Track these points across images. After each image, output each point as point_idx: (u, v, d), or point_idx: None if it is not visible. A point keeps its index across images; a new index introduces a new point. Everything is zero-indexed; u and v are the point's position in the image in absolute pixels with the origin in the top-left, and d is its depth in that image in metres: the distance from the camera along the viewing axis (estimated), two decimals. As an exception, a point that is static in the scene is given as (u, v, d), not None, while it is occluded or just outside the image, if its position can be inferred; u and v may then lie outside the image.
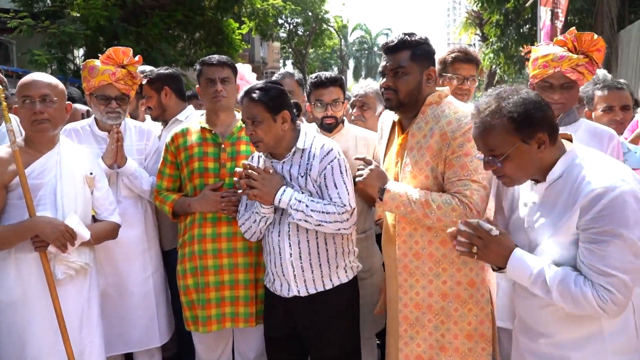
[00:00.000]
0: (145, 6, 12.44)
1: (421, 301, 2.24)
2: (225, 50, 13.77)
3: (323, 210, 2.36)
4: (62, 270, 2.35)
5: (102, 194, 2.58)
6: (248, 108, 2.40)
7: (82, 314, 2.45)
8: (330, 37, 32.15)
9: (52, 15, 11.77)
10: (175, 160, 2.81)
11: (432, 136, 2.15)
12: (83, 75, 2.86)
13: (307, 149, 2.45)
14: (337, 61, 41.08)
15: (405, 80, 2.18)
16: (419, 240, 2.23)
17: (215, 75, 2.74)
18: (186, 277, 2.76)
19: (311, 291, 2.47)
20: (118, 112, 2.87)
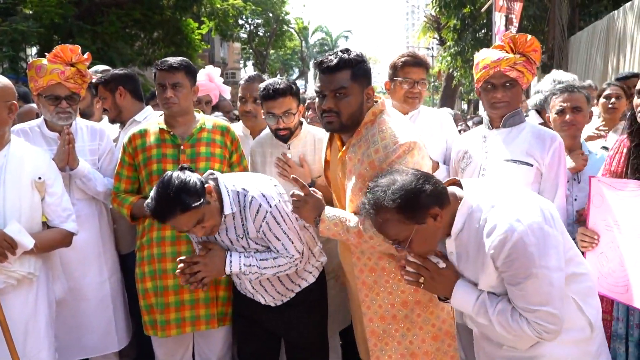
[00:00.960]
0: (101, 4, 12.16)
1: (385, 313, 2.26)
2: (185, 50, 13.61)
3: (274, 265, 2.35)
4: (2, 279, 2.25)
5: (54, 199, 2.46)
6: (185, 219, 2.15)
7: (28, 325, 2.36)
8: (291, 38, 32.20)
9: (4, 13, 11.37)
10: (133, 162, 2.76)
11: (362, 163, 2.14)
12: (30, 75, 2.76)
13: (235, 211, 2.29)
14: (298, 62, 41.11)
15: (348, 101, 2.13)
16: (370, 257, 2.26)
17: (166, 81, 2.67)
18: (145, 280, 2.72)
19: (283, 300, 2.51)
20: (69, 112, 2.79)
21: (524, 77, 2.51)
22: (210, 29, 17.64)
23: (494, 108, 2.56)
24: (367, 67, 2.19)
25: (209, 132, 2.77)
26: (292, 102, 2.75)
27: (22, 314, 2.34)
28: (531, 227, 1.71)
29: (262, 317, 2.56)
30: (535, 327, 1.75)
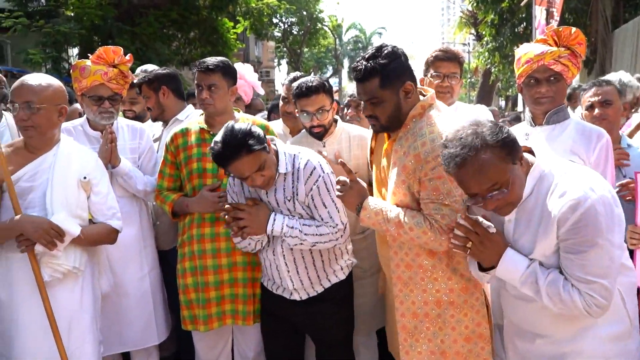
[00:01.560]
0: (140, 5, 12.40)
1: (418, 310, 2.25)
2: (220, 49, 13.75)
3: (316, 233, 2.37)
4: (49, 273, 2.31)
5: (100, 198, 2.51)
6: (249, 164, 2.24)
7: (72, 318, 2.41)
8: (324, 36, 32.17)
9: (47, 15, 11.72)
10: (175, 160, 2.81)
11: (408, 155, 2.12)
12: (74, 76, 2.83)
13: (289, 171, 2.38)
14: (332, 60, 41.07)
15: (382, 107, 2.14)
16: (408, 252, 2.24)
17: (202, 82, 2.71)
18: (185, 276, 2.77)
19: (311, 294, 2.52)
20: (111, 111, 2.85)
21: (568, 71, 2.43)
22: (245, 28, 17.77)
23: (537, 104, 2.49)
24: (401, 65, 2.13)
25: None
26: (325, 99, 2.76)
27: (68, 307, 2.39)
28: (603, 198, 1.70)
29: (288, 312, 2.58)
30: (587, 299, 1.72)
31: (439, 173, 2.05)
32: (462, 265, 2.18)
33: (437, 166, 2.04)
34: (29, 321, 2.30)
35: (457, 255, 2.18)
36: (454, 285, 2.20)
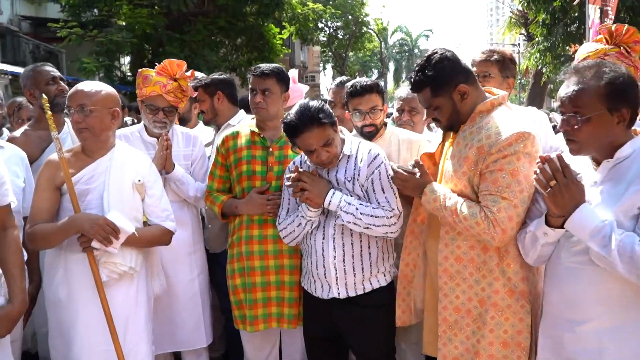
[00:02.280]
0: (189, 13, 12.71)
1: (461, 305, 2.23)
2: (267, 55, 13.93)
3: (372, 214, 2.39)
4: (106, 273, 2.38)
5: (154, 200, 2.58)
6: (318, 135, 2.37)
7: (128, 318, 2.47)
8: (370, 40, 32.07)
9: (100, 24, 12.17)
10: (225, 162, 2.87)
11: (471, 147, 2.13)
12: (137, 82, 2.95)
13: (353, 154, 2.49)
14: (378, 64, 40.94)
15: (440, 111, 2.22)
16: (461, 245, 2.21)
17: (257, 87, 2.78)
18: (234, 277, 2.81)
19: (350, 294, 2.50)
20: (164, 122, 2.94)
21: None
22: (291, 34, 17.95)
23: None
24: (450, 70, 2.18)
25: None
26: (378, 99, 2.85)
27: (124, 307, 2.45)
28: None
29: (329, 315, 2.55)
30: None
31: (501, 166, 2.05)
32: (512, 268, 2.15)
33: (499, 159, 2.05)
34: (88, 320, 2.37)
35: (507, 257, 2.15)
36: (500, 287, 2.16)
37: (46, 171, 2.42)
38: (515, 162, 2.03)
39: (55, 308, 2.40)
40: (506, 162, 2.03)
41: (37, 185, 2.44)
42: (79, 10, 12.53)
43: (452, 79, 2.18)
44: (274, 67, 2.84)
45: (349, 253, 2.46)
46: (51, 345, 2.44)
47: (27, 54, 15.82)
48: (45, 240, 2.36)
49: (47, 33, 15.58)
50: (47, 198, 2.40)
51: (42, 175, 2.42)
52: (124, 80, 12.78)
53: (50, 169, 2.41)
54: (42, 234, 2.34)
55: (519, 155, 2.03)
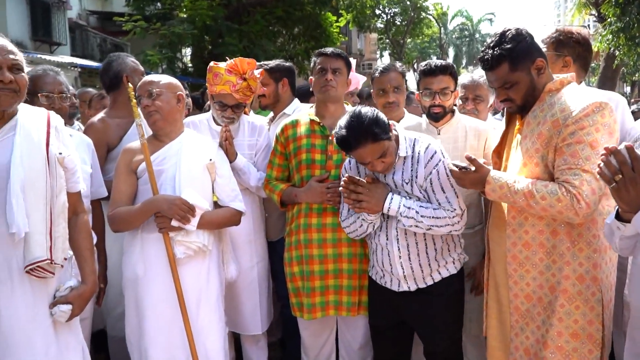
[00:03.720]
0: (247, 4, 12.84)
1: (532, 293, 2.17)
2: (324, 43, 13.90)
3: (433, 216, 2.34)
4: (182, 251, 2.47)
5: (224, 180, 2.68)
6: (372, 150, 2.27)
7: (200, 294, 2.56)
8: (429, 25, 31.33)
9: (163, 17, 12.51)
10: (284, 151, 2.89)
11: (544, 123, 2.07)
12: (208, 78, 3.03)
13: (409, 155, 2.42)
14: (436, 50, 40.05)
15: (516, 89, 2.14)
16: (529, 230, 2.15)
17: (328, 65, 2.79)
18: (292, 264, 2.83)
19: (420, 286, 2.48)
20: (232, 117, 3.02)
21: None
22: (347, 21, 17.81)
23: None
24: (527, 44, 2.12)
25: None
26: (450, 81, 2.79)
27: (196, 285, 2.54)
28: None
29: (397, 306, 2.54)
30: None
31: (579, 138, 1.96)
32: (585, 252, 2.06)
33: (577, 130, 1.97)
34: (162, 297, 2.47)
35: (580, 241, 2.06)
36: (570, 272, 2.07)
37: (123, 158, 2.57)
38: (593, 133, 1.94)
39: (133, 285, 2.51)
40: (584, 133, 1.94)
41: (116, 171, 2.59)
42: (143, 4, 12.95)
43: (530, 51, 2.12)
44: (341, 51, 2.88)
45: (414, 252, 2.44)
46: (127, 321, 2.55)
47: (95, 47, 16.55)
48: (127, 222, 2.49)
49: (113, 27, 16.23)
50: (126, 182, 2.54)
51: (121, 161, 2.57)
52: (186, 71, 13.12)
53: (127, 155, 2.57)
54: (124, 216, 2.48)
55: (597, 126, 1.94)
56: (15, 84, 1.93)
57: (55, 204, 2.01)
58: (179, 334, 2.47)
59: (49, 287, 2.05)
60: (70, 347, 2.11)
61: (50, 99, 2.68)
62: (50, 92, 2.69)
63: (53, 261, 1.97)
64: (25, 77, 1.99)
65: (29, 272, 1.94)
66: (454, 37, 45.40)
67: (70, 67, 12.64)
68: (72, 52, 15.45)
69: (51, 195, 2.00)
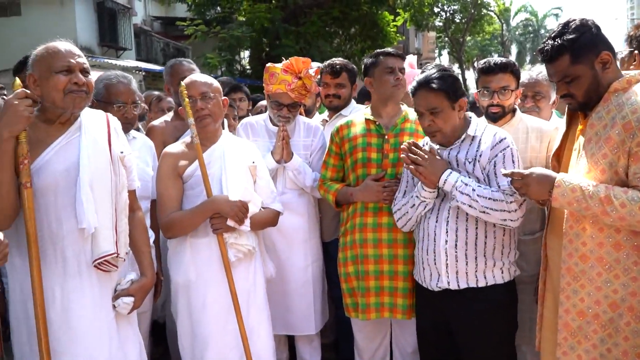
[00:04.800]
0: (304, 6, 12.94)
1: (586, 309, 2.01)
2: (380, 43, 13.81)
3: (490, 197, 2.25)
4: (233, 253, 2.49)
5: (264, 182, 2.68)
6: (426, 98, 2.33)
7: (249, 296, 2.58)
8: (490, 22, 30.41)
9: (222, 21, 12.83)
10: (339, 151, 2.89)
11: (612, 126, 1.91)
12: (264, 78, 3.08)
13: (477, 136, 2.38)
14: (498, 48, 38.90)
15: (577, 84, 2.00)
16: (587, 242, 2.00)
17: (395, 65, 2.80)
18: (347, 264, 2.82)
19: (462, 285, 2.36)
20: (287, 117, 3.04)
21: None
22: (405, 20, 17.60)
23: None
24: (592, 36, 1.98)
25: (412, 123, 2.82)
26: (511, 80, 2.67)
27: (245, 286, 2.56)
28: None
29: (442, 305, 2.44)
30: None
31: None
32: None
33: None
34: (216, 300, 2.49)
35: None
36: (637, 289, 1.93)
37: (166, 162, 2.53)
38: None
39: (185, 290, 2.53)
40: None
41: (160, 176, 2.54)
42: (203, 9, 13.31)
43: (595, 43, 1.98)
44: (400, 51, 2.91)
45: (462, 239, 2.34)
46: (179, 326, 2.57)
47: (158, 51, 17.17)
48: (185, 226, 2.47)
49: (176, 31, 16.80)
50: (174, 187, 2.51)
51: (163, 166, 2.54)
52: (244, 73, 13.37)
53: (170, 160, 2.53)
54: (181, 220, 2.46)
55: None
56: (86, 86, 2.02)
57: (119, 201, 2.10)
58: (231, 335, 2.48)
59: (112, 281, 2.14)
60: (129, 339, 2.19)
61: (123, 109, 2.74)
62: (124, 102, 2.75)
63: (119, 255, 2.06)
64: (92, 80, 2.07)
65: (96, 266, 2.03)
66: (517, 34, 43.97)
67: (135, 70, 13.16)
68: (137, 57, 16.09)
69: (115, 192, 2.09)
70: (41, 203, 1.96)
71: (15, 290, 2.04)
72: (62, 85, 1.97)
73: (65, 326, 1.98)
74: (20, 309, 2.01)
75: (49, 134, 2.03)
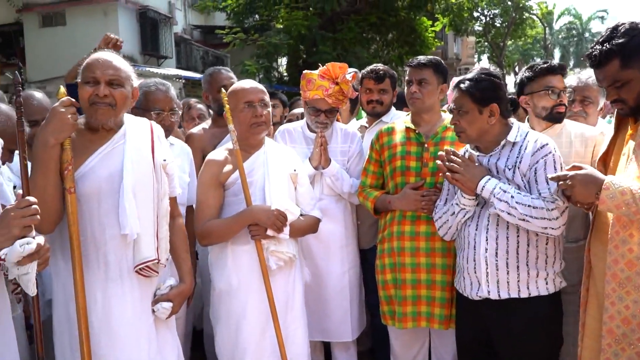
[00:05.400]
0: (341, 12, 12.96)
1: (631, 317, 1.96)
2: (418, 49, 13.72)
3: (530, 204, 2.19)
4: (274, 261, 2.50)
5: (304, 189, 2.69)
6: (456, 97, 2.35)
7: (288, 303, 2.59)
8: (532, 25, 29.72)
9: (260, 29, 12.99)
10: (379, 158, 2.89)
11: None
12: (301, 85, 3.10)
13: (518, 142, 2.33)
14: (540, 52, 38.02)
15: (628, 89, 1.97)
16: (634, 248, 1.94)
17: (413, 77, 2.76)
18: (385, 272, 2.80)
19: (502, 295, 2.30)
20: (325, 123, 3.04)
21: None
22: (444, 25, 17.41)
23: None
24: None
25: (453, 132, 2.73)
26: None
27: (284, 293, 2.57)
28: None
29: (482, 316, 2.38)
30: None
31: None
32: None
33: None
34: (256, 307, 2.50)
35: None
36: None
37: (208, 170, 2.53)
38: None
39: (226, 297, 2.53)
40: None
41: (202, 183, 2.55)
42: (242, 17, 13.51)
43: None
44: (431, 57, 2.83)
45: (502, 247, 2.28)
46: (218, 331, 2.58)
47: (198, 59, 17.50)
48: (222, 234, 2.47)
49: (214, 40, 17.10)
50: (214, 197, 2.51)
51: (205, 174, 2.54)
52: (281, 80, 13.49)
53: (213, 168, 2.53)
54: (217, 229, 2.46)
55: None
56: (111, 98, 2.02)
57: (160, 208, 2.14)
58: (269, 342, 2.49)
59: (152, 286, 2.17)
60: (167, 344, 2.22)
61: (161, 116, 2.80)
62: (162, 109, 2.81)
63: (160, 261, 2.09)
64: (124, 92, 2.06)
65: (137, 271, 2.06)
66: (561, 37, 42.89)
67: (175, 78, 13.45)
68: (177, 65, 16.44)
69: (157, 199, 2.12)
70: (85, 209, 2.01)
71: (58, 293, 2.09)
72: (87, 96, 2.02)
73: (106, 330, 2.02)
74: (63, 312, 2.06)
75: (94, 141, 2.08)
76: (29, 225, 1.64)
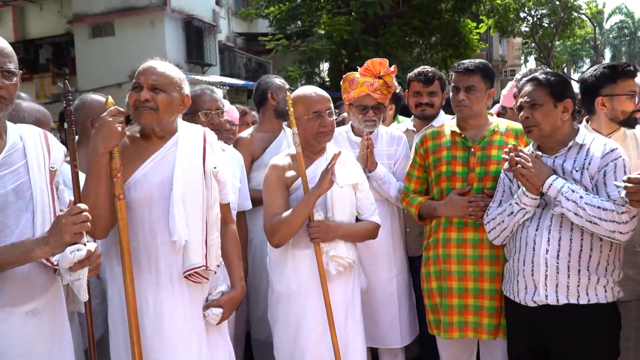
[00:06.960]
0: (384, 16, 12.88)
1: None
2: (462, 51, 13.50)
3: (599, 206, 2.11)
4: (334, 267, 2.49)
5: (364, 194, 2.67)
6: (531, 91, 2.30)
7: (347, 309, 2.57)
8: (581, 25, 28.77)
9: (302, 35, 13.05)
10: (423, 163, 2.84)
11: None
12: (343, 87, 3.08)
13: (586, 144, 2.28)
14: (590, 52, 36.79)
15: None
16: None
17: (460, 84, 2.69)
18: (430, 280, 2.76)
19: (561, 300, 2.22)
20: (374, 120, 3.03)
21: None
22: (488, 27, 17.09)
23: None
24: None
25: (501, 135, 2.71)
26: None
27: (344, 299, 2.56)
28: None
29: (537, 323, 2.30)
30: None
31: None
32: None
33: None
34: (315, 312, 2.50)
35: None
36: None
37: (274, 173, 2.54)
38: None
39: (286, 301, 2.54)
40: None
41: (267, 186, 2.55)
42: (284, 24, 13.61)
43: None
44: (478, 62, 2.74)
45: (564, 249, 2.20)
46: (277, 335, 2.60)
47: (241, 66, 17.74)
48: (290, 225, 2.40)
49: (257, 46, 17.29)
50: (282, 198, 2.51)
51: (272, 177, 2.54)
52: (323, 85, 13.52)
53: (278, 171, 2.54)
54: (284, 219, 2.40)
55: None
56: (153, 103, 2.07)
57: (210, 215, 2.16)
58: (326, 347, 2.47)
59: (203, 291, 2.21)
60: (219, 348, 2.25)
61: (209, 116, 2.87)
62: (209, 109, 2.88)
63: (208, 267, 2.11)
64: (166, 96, 2.08)
65: (187, 277, 2.10)
66: (611, 37, 41.40)
67: (219, 85, 13.68)
68: (221, 72, 16.70)
69: (207, 206, 2.15)
70: (137, 214, 2.06)
71: (114, 297, 2.14)
72: (132, 101, 2.09)
73: (158, 334, 2.06)
74: (118, 315, 2.11)
75: (147, 148, 2.13)
76: (80, 232, 1.68)
